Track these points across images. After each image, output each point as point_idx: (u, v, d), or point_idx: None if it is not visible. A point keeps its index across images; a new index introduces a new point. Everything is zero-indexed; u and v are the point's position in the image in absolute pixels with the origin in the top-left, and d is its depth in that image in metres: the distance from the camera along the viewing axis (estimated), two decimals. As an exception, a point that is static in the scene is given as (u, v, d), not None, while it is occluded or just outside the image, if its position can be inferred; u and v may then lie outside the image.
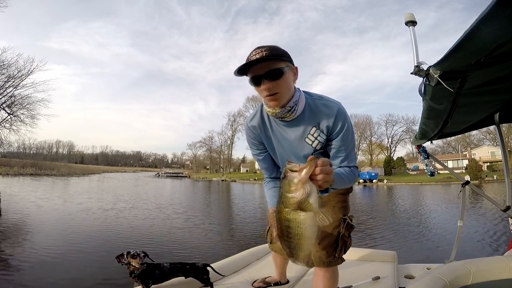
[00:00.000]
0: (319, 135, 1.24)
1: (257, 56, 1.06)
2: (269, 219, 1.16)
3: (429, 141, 1.92)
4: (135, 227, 7.90)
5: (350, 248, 1.50)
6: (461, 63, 0.81)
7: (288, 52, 1.15)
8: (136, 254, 1.65)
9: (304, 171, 0.74)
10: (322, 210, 0.78)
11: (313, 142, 1.25)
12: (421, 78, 0.95)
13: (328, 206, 1.45)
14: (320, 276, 1.43)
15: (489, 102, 1.40)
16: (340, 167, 1.22)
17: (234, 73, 1.09)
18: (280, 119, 1.23)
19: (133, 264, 1.64)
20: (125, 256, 1.66)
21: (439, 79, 0.87)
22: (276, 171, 1.45)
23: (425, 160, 2.14)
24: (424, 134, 1.77)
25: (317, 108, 1.23)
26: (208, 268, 1.88)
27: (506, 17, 0.58)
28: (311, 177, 0.77)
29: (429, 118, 1.41)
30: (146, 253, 1.72)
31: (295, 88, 1.20)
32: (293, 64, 1.15)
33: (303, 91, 1.26)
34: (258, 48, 1.09)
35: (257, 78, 1.10)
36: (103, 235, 6.72)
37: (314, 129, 1.24)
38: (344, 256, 1.48)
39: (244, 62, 1.11)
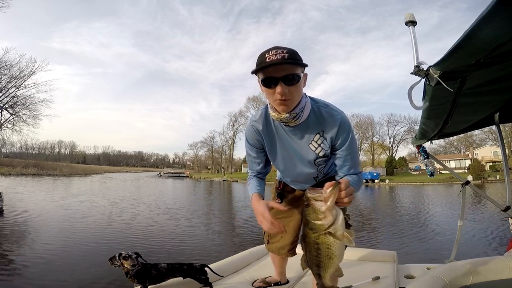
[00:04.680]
0: (322, 142, 1.25)
1: (278, 56, 1.00)
2: (254, 208, 1.18)
3: (429, 141, 1.92)
4: (137, 227, 7.93)
5: (350, 248, 1.51)
6: (461, 63, 0.81)
7: None
8: (127, 255, 1.65)
9: (330, 199, 0.79)
10: (347, 230, 0.83)
11: (316, 148, 1.26)
12: (416, 80, 0.95)
13: None
14: None
15: (489, 102, 1.40)
16: (347, 174, 1.25)
17: (252, 72, 1.06)
18: (285, 124, 1.22)
19: (125, 265, 1.64)
20: (117, 258, 1.67)
21: (439, 79, 0.86)
22: (264, 167, 1.44)
23: (425, 160, 2.14)
24: (424, 134, 1.76)
25: (321, 116, 1.22)
26: (206, 268, 1.89)
27: (506, 17, 0.57)
28: (337, 201, 0.81)
29: (429, 118, 1.41)
30: (139, 254, 1.72)
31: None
32: (305, 71, 1.13)
33: (309, 97, 1.25)
34: (278, 48, 1.04)
35: (272, 79, 1.05)
36: (105, 236, 6.75)
37: (318, 136, 1.24)
38: (344, 256, 1.48)
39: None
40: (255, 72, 1.08)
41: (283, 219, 1.70)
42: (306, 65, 1.08)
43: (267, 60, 1.01)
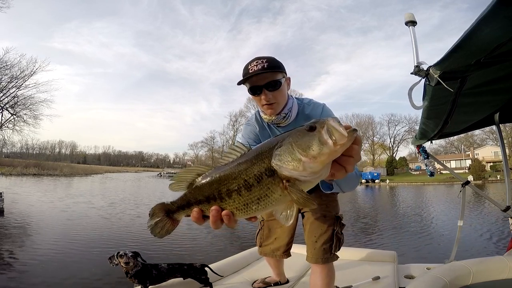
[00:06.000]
0: None
1: (259, 66, 1.14)
2: None
3: (429, 141, 1.92)
4: (137, 230, 7.92)
5: (350, 248, 1.52)
6: (461, 63, 0.81)
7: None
8: (123, 254, 1.66)
9: (342, 144, 0.45)
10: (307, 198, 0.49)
11: None
12: (416, 80, 0.95)
13: (321, 204, 1.50)
14: (318, 273, 1.45)
15: (489, 102, 1.40)
16: None
17: (238, 84, 1.20)
18: (276, 125, 1.32)
19: (121, 263, 1.65)
20: (115, 256, 1.68)
21: (439, 79, 0.87)
22: None
23: (425, 160, 2.14)
24: (424, 134, 1.76)
25: (307, 111, 1.34)
26: (206, 268, 1.89)
27: (506, 17, 0.58)
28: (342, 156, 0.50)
29: (429, 118, 1.41)
30: (138, 254, 1.73)
31: (288, 96, 1.31)
32: (287, 75, 1.27)
33: (295, 98, 1.37)
34: (258, 58, 1.17)
35: (257, 88, 1.18)
36: (106, 237, 6.75)
37: None
38: (344, 256, 1.50)
39: (245, 65, 1.19)
40: (241, 83, 1.22)
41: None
42: (284, 71, 1.23)
43: (250, 71, 1.16)
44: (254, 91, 1.20)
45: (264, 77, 1.16)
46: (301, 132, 0.49)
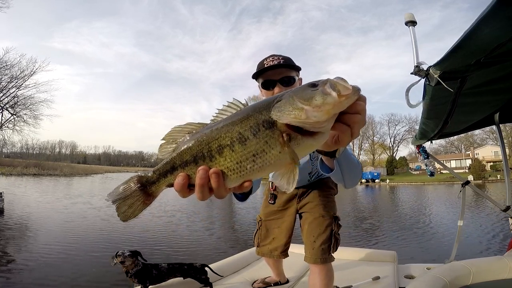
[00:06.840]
0: None
1: (275, 62, 1.18)
2: None
3: (429, 141, 1.92)
4: (138, 229, 7.92)
5: (350, 248, 1.52)
6: (461, 63, 0.81)
7: (290, 55, 1.26)
8: (120, 253, 1.67)
9: (346, 100, 0.42)
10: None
11: None
12: (412, 81, 0.95)
13: (319, 204, 1.51)
14: (317, 273, 1.44)
15: (489, 102, 1.40)
16: None
17: (252, 77, 1.23)
18: None
19: (118, 263, 1.65)
20: (115, 256, 1.68)
21: (439, 79, 0.87)
22: None
23: (425, 160, 2.14)
24: (424, 134, 1.76)
25: None
26: (206, 268, 1.89)
27: (506, 17, 0.58)
28: (341, 116, 0.45)
29: (429, 118, 1.41)
30: (139, 253, 1.72)
31: None
32: (299, 75, 1.30)
33: None
34: (274, 55, 1.22)
35: (270, 82, 1.21)
36: (106, 237, 6.75)
37: None
38: (344, 256, 1.50)
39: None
40: (255, 76, 1.24)
41: (275, 220, 1.70)
42: (300, 68, 1.26)
43: (265, 66, 1.19)
44: (267, 85, 1.22)
45: (279, 72, 1.20)
46: (302, 87, 0.45)
